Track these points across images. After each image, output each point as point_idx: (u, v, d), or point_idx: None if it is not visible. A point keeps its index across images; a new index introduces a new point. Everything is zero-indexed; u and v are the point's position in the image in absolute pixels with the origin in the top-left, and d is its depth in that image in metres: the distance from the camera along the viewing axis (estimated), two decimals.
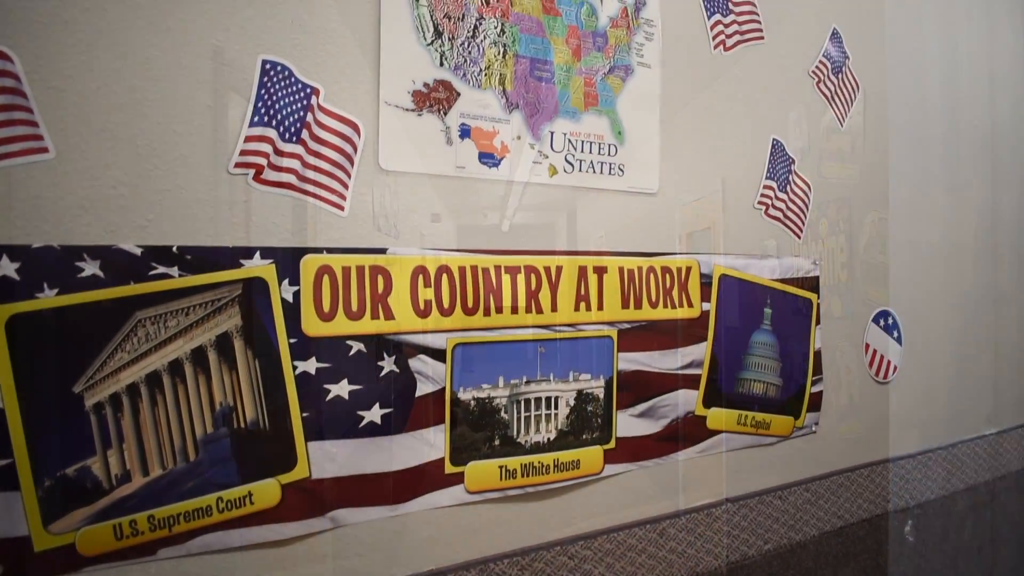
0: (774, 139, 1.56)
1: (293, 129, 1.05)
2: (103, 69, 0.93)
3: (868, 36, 1.75)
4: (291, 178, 1.05)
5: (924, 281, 1.92)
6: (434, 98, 1.15)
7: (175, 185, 0.98)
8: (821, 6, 1.65)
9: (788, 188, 1.58)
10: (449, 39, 1.16)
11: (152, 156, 0.96)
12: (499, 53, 1.20)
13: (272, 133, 1.03)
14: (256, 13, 1.03)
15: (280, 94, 1.04)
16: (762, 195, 1.54)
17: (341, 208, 1.09)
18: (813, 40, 1.64)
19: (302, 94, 1.06)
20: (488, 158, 1.20)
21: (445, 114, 1.16)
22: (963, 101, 2.01)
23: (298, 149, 1.05)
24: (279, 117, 1.04)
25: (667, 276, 1.39)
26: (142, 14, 0.95)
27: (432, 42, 1.14)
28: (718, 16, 1.46)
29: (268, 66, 1.03)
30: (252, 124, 1.02)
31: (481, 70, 1.18)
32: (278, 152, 1.04)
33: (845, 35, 1.69)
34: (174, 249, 0.97)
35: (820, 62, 1.64)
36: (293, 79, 1.05)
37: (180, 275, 0.97)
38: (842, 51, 1.69)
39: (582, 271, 1.29)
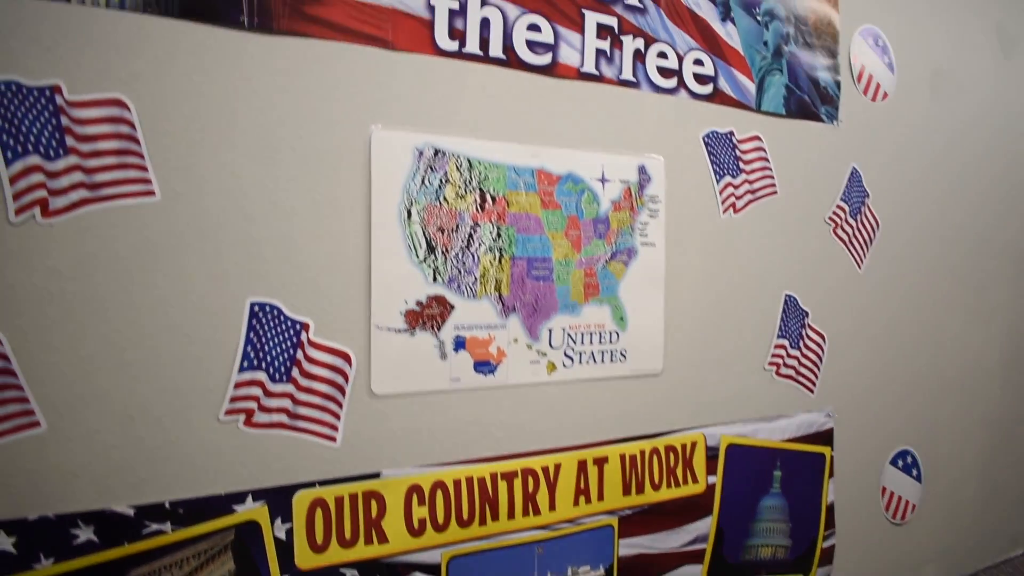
0: (787, 295, 1.50)
1: (283, 369, 1.04)
2: (91, 336, 0.94)
3: (889, 168, 1.67)
4: (282, 417, 1.05)
5: (947, 411, 1.85)
6: (427, 315, 1.13)
7: (166, 441, 0.98)
8: (839, 146, 1.57)
9: (800, 344, 1.53)
10: (442, 252, 1.13)
11: (143, 416, 0.97)
12: (495, 258, 1.17)
13: (262, 376, 1.03)
14: (244, 256, 1.02)
15: (269, 335, 1.03)
16: (773, 355, 1.49)
17: (333, 440, 1.08)
18: (830, 184, 1.57)
19: (292, 331, 1.05)
20: (484, 366, 1.18)
21: (439, 329, 1.14)
22: (989, 221, 1.92)
23: (288, 388, 1.05)
24: (268, 359, 1.03)
25: (671, 455, 1.36)
26: (127, 275, 0.95)
27: (425, 259, 1.12)
28: (728, 179, 1.41)
29: (256, 308, 1.02)
30: (242, 370, 1.01)
31: (476, 279, 1.16)
32: (268, 393, 1.03)
33: (864, 171, 1.61)
34: (166, 505, 0.98)
35: (837, 207, 1.57)
36: (282, 317, 1.04)
37: (173, 529, 0.98)
38: (861, 190, 1.61)
39: (582, 465, 1.27)
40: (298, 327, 1.05)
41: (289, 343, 1.05)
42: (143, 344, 0.96)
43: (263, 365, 1.03)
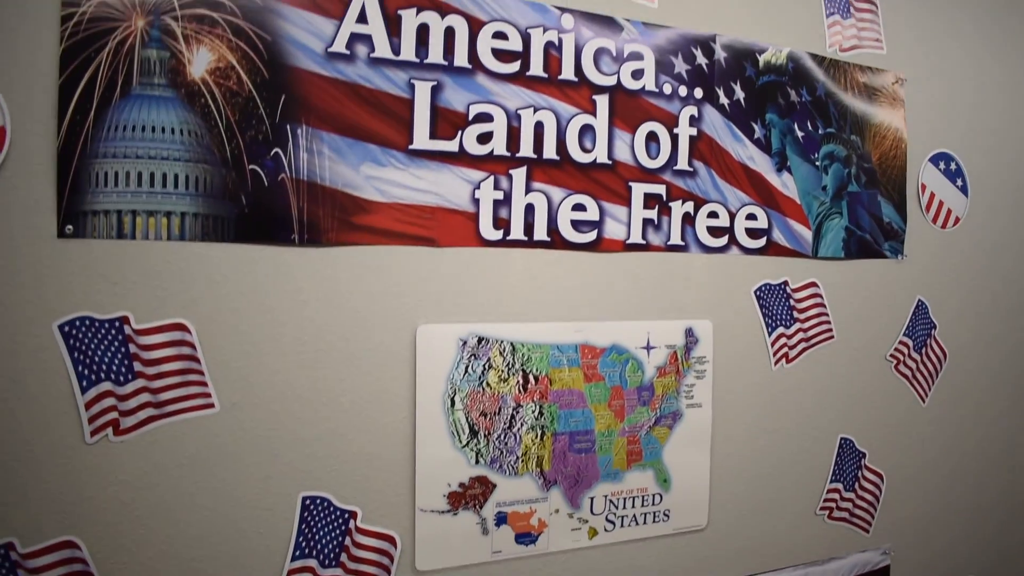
0: (842, 438, 1.46)
1: (332, 555, 1.10)
2: (158, 537, 1.01)
3: (959, 296, 1.58)
4: None
5: (1016, 536, 1.76)
6: (470, 495, 1.16)
7: None
8: (903, 280, 1.50)
9: (856, 485, 1.49)
10: (485, 436, 1.16)
11: None
12: (537, 436, 1.19)
13: (313, 562, 1.09)
14: (296, 454, 1.07)
15: (319, 525, 1.09)
16: (826, 499, 1.46)
17: None
18: (893, 320, 1.50)
19: (340, 520, 1.10)
20: (525, 537, 1.21)
21: (481, 508, 1.17)
22: None
23: (337, 572, 1.10)
24: (319, 547, 1.09)
25: None
26: (189, 481, 1.02)
27: (467, 443, 1.15)
28: (781, 329, 1.37)
29: (308, 501, 1.08)
30: (294, 558, 1.08)
31: (518, 458, 1.18)
32: None
33: (931, 302, 1.54)
34: None
35: (900, 343, 1.51)
36: (332, 508, 1.10)
37: None
38: (928, 323, 1.54)
39: None
40: (346, 516, 1.10)
41: (338, 531, 1.10)
42: (204, 541, 1.03)
43: (314, 553, 1.09)
